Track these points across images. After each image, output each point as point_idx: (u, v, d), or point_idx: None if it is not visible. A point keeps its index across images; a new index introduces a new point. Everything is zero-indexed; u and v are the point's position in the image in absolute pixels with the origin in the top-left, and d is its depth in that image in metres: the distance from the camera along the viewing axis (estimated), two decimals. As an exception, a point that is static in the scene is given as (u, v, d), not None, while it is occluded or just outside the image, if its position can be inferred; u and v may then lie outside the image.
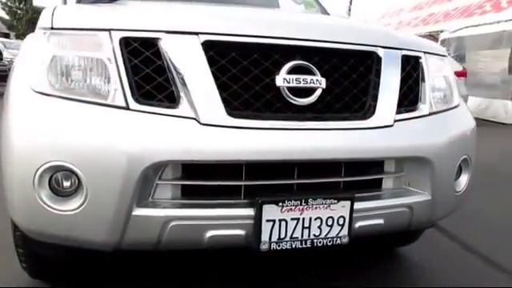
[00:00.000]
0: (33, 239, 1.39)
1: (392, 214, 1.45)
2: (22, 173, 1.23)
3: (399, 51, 1.53)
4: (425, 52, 1.64)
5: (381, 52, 1.47)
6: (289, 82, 1.32)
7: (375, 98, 1.43)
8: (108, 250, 1.30)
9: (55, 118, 1.24)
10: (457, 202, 1.67)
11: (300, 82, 1.33)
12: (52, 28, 1.34)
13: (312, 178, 1.37)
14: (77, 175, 1.20)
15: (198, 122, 1.24)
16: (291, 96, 1.33)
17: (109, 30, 1.30)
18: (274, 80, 1.32)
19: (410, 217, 1.49)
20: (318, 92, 1.35)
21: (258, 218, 1.27)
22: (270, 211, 1.27)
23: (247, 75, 1.31)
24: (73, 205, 1.22)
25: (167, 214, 1.24)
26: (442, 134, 1.52)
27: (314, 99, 1.35)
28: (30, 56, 1.37)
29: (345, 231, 1.36)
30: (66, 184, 1.23)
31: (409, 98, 1.53)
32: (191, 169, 1.29)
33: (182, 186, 1.31)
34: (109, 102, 1.25)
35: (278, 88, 1.32)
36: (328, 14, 2.66)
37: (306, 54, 1.37)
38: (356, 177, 1.45)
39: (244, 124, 1.27)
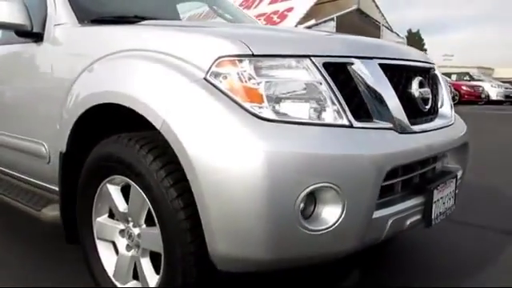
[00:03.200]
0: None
1: (459, 184, 2.00)
2: (279, 202, 1.23)
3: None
4: None
5: (435, 67, 2.00)
6: (422, 94, 1.70)
7: (445, 102, 1.95)
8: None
9: (297, 143, 1.28)
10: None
11: (425, 94, 1.72)
12: (253, 55, 1.33)
13: (431, 165, 1.78)
14: (333, 191, 1.28)
15: (397, 131, 1.49)
16: (423, 104, 1.71)
17: (309, 56, 1.39)
18: (412, 92, 1.67)
19: (460, 185, 2.07)
20: (430, 100, 1.77)
21: (430, 202, 1.60)
22: (435, 195, 1.63)
23: (398, 89, 1.62)
24: (328, 222, 1.30)
25: (390, 212, 1.44)
26: (464, 124, 2.16)
27: (429, 106, 1.77)
28: (227, 80, 1.33)
29: (453, 202, 1.83)
30: (321, 204, 1.29)
31: (446, 100, 2.11)
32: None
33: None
34: (335, 122, 1.36)
35: (415, 98, 1.68)
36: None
37: (416, 72, 1.76)
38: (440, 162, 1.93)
39: (416, 129, 1.58)
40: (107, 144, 1.62)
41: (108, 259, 1.74)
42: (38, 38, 2.05)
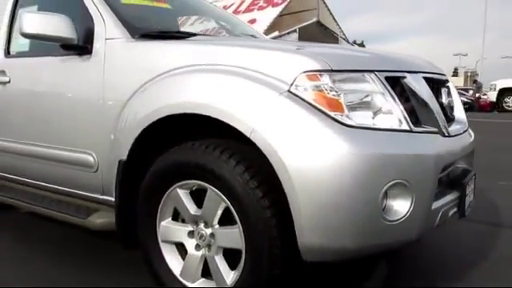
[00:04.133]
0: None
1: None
2: (365, 197, 1.43)
3: (446, 77, 2.38)
4: None
5: (448, 79, 2.28)
6: (449, 102, 1.97)
7: (460, 109, 2.23)
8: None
9: (376, 146, 1.49)
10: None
11: (451, 102, 2.00)
12: (332, 70, 1.53)
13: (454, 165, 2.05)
14: (405, 187, 1.50)
15: (441, 134, 1.73)
16: (450, 111, 1.98)
17: (373, 71, 1.61)
18: (443, 101, 1.94)
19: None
20: (453, 107, 2.05)
21: (463, 196, 1.86)
22: (467, 189, 1.89)
23: (433, 98, 1.87)
24: (401, 213, 1.51)
25: (441, 204, 1.68)
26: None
27: (454, 113, 2.04)
28: (309, 92, 1.51)
29: (473, 196, 2.10)
30: (392, 197, 1.50)
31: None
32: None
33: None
34: (399, 127, 1.58)
35: (445, 106, 1.95)
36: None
37: (441, 83, 2.03)
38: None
39: (452, 133, 1.84)
40: (180, 151, 1.74)
41: (174, 260, 1.85)
42: (83, 51, 2.13)
